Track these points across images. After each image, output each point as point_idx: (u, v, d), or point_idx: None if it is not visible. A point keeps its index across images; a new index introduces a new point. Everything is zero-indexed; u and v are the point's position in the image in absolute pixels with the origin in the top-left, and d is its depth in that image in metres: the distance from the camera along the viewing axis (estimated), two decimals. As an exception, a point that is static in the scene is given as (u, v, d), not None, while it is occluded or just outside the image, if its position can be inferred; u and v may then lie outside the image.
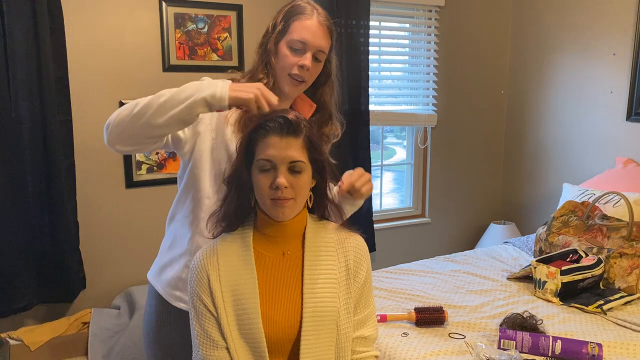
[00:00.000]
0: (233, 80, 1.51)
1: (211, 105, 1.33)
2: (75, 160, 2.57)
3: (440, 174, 3.78)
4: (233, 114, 1.49)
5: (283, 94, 1.54)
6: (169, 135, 1.44)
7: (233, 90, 1.33)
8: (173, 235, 1.61)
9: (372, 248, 3.38)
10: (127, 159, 2.73)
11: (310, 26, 1.50)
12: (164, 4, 2.70)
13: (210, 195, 1.50)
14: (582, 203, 2.65)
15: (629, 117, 3.13)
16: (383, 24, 3.43)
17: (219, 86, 1.33)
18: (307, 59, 1.50)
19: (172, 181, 2.85)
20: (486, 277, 2.51)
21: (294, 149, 1.26)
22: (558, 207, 2.74)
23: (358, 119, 3.22)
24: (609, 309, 2.12)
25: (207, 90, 1.33)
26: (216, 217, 1.38)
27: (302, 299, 1.31)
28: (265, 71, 1.53)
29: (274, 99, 1.34)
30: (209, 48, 2.84)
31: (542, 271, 2.26)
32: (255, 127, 1.30)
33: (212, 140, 1.50)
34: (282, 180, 1.24)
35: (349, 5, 3.05)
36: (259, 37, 3.12)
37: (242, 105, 1.33)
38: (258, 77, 1.52)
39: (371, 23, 3.20)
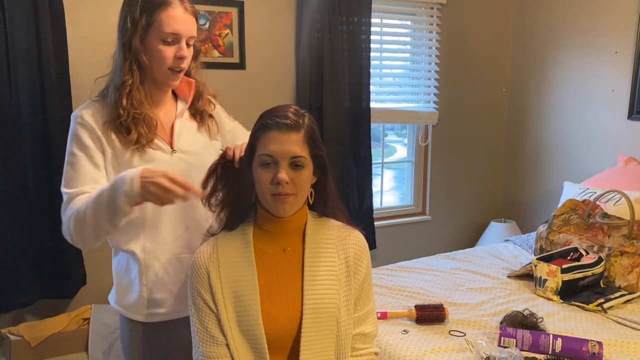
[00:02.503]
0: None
1: (132, 198, 1.32)
2: (76, 157, 2.57)
3: (441, 172, 3.77)
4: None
5: (164, 87, 1.53)
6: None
7: (143, 187, 1.30)
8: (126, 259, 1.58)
9: (372, 246, 3.38)
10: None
11: (179, 15, 1.44)
12: (165, 0, 2.69)
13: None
14: (583, 201, 2.65)
15: (630, 116, 3.12)
16: (384, 21, 3.42)
17: (127, 184, 1.31)
18: (184, 50, 1.47)
19: (173, 178, 2.84)
20: (487, 275, 2.51)
21: (295, 145, 1.26)
22: (559, 206, 2.74)
23: (359, 117, 3.21)
24: (610, 308, 2.12)
25: (124, 187, 1.31)
26: (217, 214, 1.39)
27: (302, 295, 1.31)
28: (130, 72, 1.45)
29: (179, 178, 1.31)
30: (211, 44, 2.83)
31: (542, 269, 2.26)
32: (258, 123, 1.30)
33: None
34: (283, 175, 1.24)
35: (351, 3, 3.05)
36: (261, 34, 3.12)
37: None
38: (123, 79, 1.45)
39: (372, 20, 3.19)
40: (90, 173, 1.45)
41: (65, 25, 2.46)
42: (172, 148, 1.53)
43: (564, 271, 2.20)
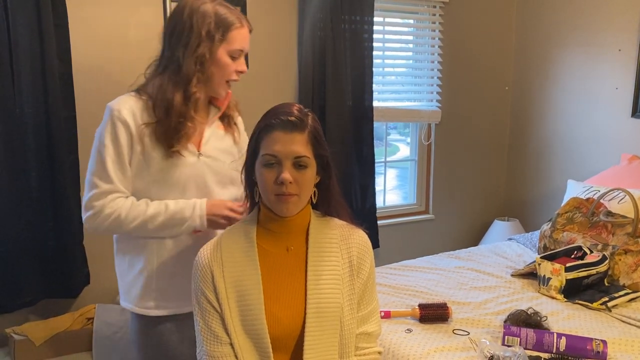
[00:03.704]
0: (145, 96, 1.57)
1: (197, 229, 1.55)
2: (79, 156, 2.57)
3: (444, 171, 3.77)
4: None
5: (214, 96, 1.62)
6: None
7: (211, 222, 1.54)
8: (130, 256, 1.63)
9: (375, 244, 3.38)
10: (131, 155, 2.73)
11: (245, 35, 1.59)
12: (167, -1, 2.70)
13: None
14: (587, 200, 2.64)
15: (634, 114, 3.11)
16: (387, 19, 3.42)
17: (197, 221, 1.53)
18: (244, 65, 1.61)
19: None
20: (490, 274, 2.51)
21: (298, 144, 1.26)
22: (562, 204, 2.73)
23: (362, 115, 3.21)
24: (614, 306, 2.11)
25: (193, 223, 1.53)
26: None
27: (305, 295, 1.31)
28: (199, 83, 1.54)
29: (236, 205, 1.55)
30: (213, 44, 2.83)
31: (546, 268, 2.26)
32: (261, 123, 1.30)
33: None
34: (286, 175, 1.24)
35: (353, 1, 3.04)
36: (263, 33, 3.11)
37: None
38: (192, 90, 1.53)
39: (375, 19, 3.19)
40: (121, 171, 1.52)
41: (68, 25, 2.47)
42: (199, 152, 1.59)
43: (567, 270, 2.20)
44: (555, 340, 1.74)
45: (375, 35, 3.22)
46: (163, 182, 1.53)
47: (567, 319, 2.02)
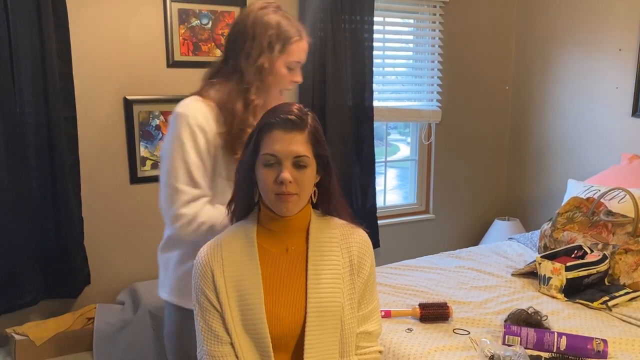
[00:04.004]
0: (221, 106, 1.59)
1: None
2: (79, 156, 2.58)
3: (445, 170, 3.77)
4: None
5: (270, 104, 1.62)
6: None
7: None
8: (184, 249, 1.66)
9: (376, 244, 3.38)
10: (132, 155, 2.74)
11: (304, 47, 1.64)
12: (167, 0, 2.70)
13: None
14: (587, 199, 2.64)
15: (634, 113, 3.11)
16: (387, 19, 3.42)
17: None
18: (299, 76, 1.65)
19: (176, 177, 2.85)
20: (491, 273, 2.51)
21: (298, 144, 1.26)
22: (563, 203, 2.73)
23: (362, 115, 3.21)
24: (614, 305, 2.11)
25: None
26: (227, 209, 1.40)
27: (306, 294, 1.31)
28: (258, 91, 1.59)
29: None
30: (213, 44, 2.84)
31: (546, 267, 2.26)
32: (261, 122, 1.30)
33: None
34: (286, 175, 1.24)
35: (353, 1, 3.04)
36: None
37: None
38: (251, 97, 1.58)
39: (375, 19, 3.19)
40: (206, 176, 1.57)
41: (68, 25, 2.47)
42: None
43: (568, 269, 2.20)
44: (555, 340, 1.74)
45: (375, 35, 3.22)
46: (230, 189, 1.56)
47: (567, 319, 2.02)
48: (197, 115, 1.54)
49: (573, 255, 2.38)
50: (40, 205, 2.46)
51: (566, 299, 2.19)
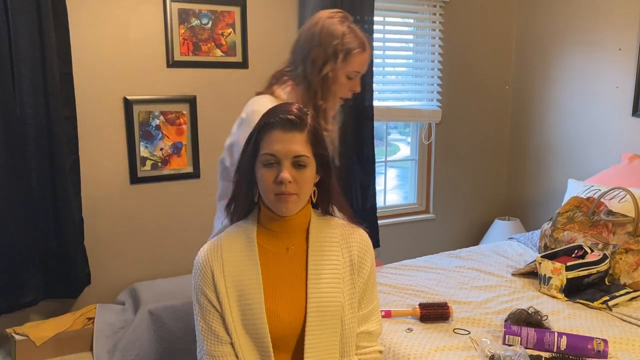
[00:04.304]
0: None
1: None
2: (79, 156, 2.58)
3: (445, 170, 3.77)
4: None
5: (331, 111, 1.74)
6: None
7: None
8: None
9: (376, 244, 3.38)
10: (132, 155, 2.74)
11: (365, 59, 1.70)
12: (167, -1, 2.70)
13: None
14: (588, 199, 2.64)
15: (634, 113, 3.11)
16: (387, 19, 3.42)
17: None
18: (358, 86, 1.72)
19: (176, 177, 2.85)
20: (491, 273, 2.51)
21: (298, 144, 1.26)
22: (563, 203, 2.73)
23: (362, 115, 3.21)
24: (615, 305, 2.11)
25: None
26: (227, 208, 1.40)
27: (306, 294, 1.31)
28: (323, 97, 1.67)
29: None
30: (213, 44, 2.83)
31: (547, 267, 2.26)
32: (260, 122, 1.30)
33: None
34: (286, 175, 1.24)
35: (353, 1, 3.04)
36: (264, 33, 3.11)
37: None
38: (319, 102, 1.67)
39: (375, 18, 3.19)
40: None
41: (68, 26, 2.47)
42: None
43: (568, 269, 2.19)
44: (556, 340, 1.74)
45: (375, 35, 3.22)
46: None
47: (567, 318, 2.02)
48: None
49: (573, 255, 2.37)
50: (41, 206, 2.46)
51: (566, 298, 2.19)
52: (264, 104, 1.61)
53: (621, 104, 3.18)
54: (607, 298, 2.13)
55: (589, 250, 2.36)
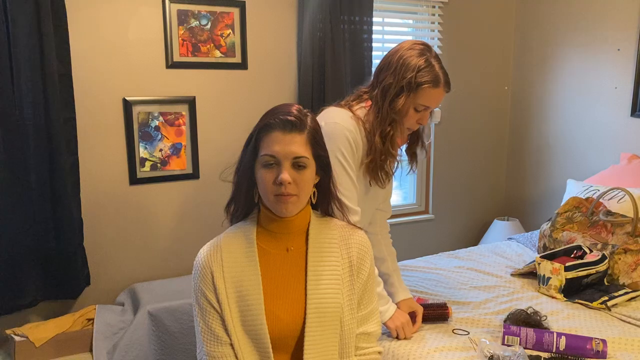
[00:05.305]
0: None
1: None
2: (79, 157, 2.58)
3: (444, 171, 3.77)
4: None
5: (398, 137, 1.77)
6: None
7: (389, 320, 1.81)
8: None
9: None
10: (131, 156, 2.74)
11: (436, 95, 1.69)
12: (166, 0, 2.70)
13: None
14: (587, 199, 2.64)
15: (633, 113, 3.11)
16: (386, 19, 3.42)
17: (385, 315, 1.80)
18: (426, 119, 1.74)
19: (176, 178, 2.85)
20: (490, 274, 2.51)
21: (297, 145, 1.26)
22: (562, 203, 2.73)
23: (361, 116, 3.21)
24: (614, 305, 2.11)
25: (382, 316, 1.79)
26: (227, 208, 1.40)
27: (305, 295, 1.31)
28: (391, 124, 1.71)
29: (408, 335, 1.83)
30: (212, 45, 2.84)
31: (546, 267, 2.26)
32: (260, 123, 1.30)
33: None
34: (285, 176, 1.24)
35: (352, 2, 3.05)
36: (263, 34, 3.11)
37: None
38: (386, 129, 1.70)
39: (374, 19, 3.19)
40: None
41: (67, 27, 2.47)
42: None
43: (567, 269, 2.20)
44: (555, 340, 1.75)
45: (374, 36, 3.22)
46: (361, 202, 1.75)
47: (566, 319, 2.02)
48: (352, 130, 1.68)
49: (572, 255, 2.38)
50: (40, 207, 2.46)
51: (565, 299, 2.19)
52: (347, 121, 1.69)
53: (620, 105, 3.18)
54: (606, 298, 2.14)
55: (588, 251, 2.36)
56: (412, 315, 1.91)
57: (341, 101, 1.84)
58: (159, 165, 2.81)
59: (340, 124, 1.67)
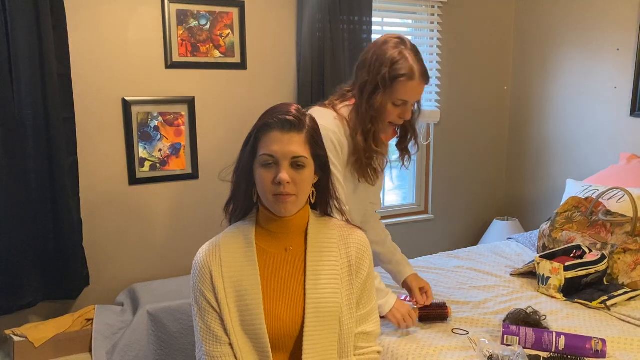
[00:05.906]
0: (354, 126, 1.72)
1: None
2: (78, 158, 2.58)
3: (444, 171, 3.77)
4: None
5: (382, 134, 1.76)
6: None
7: (390, 313, 1.84)
8: None
9: (375, 244, 3.38)
10: (130, 156, 2.74)
11: (414, 87, 1.65)
12: (166, 1, 2.70)
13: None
14: (586, 199, 2.64)
15: (632, 113, 3.11)
16: (385, 19, 3.42)
17: (386, 308, 1.83)
18: (408, 113, 1.70)
19: (175, 178, 2.85)
20: (489, 273, 2.51)
21: (296, 145, 1.26)
22: (562, 203, 2.73)
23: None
24: (613, 305, 2.11)
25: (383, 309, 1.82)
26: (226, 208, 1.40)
27: (304, 294, 1.31)
28: (372, 121, 1.69)
29: (410, 325, 1.86)
30: (212, 45, 2.84)
31: (545, 267, 2.26)
32: (259, 122, 1.30)
33: None
34: (284, 175, 1.24)
35: (351, 2, 3.05)
36: (262, 34, 3.11)
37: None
38: (368, 126, 1.68)
39: (374, 19, 3.19)
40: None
41: (66, 27, 2.47)
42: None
43: (567, 269, 2.20)
44: (554, 339, 1.75)
45: (374, 36, 3.22)
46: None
47: (566, 318, 2.02)
48: (336, 131, 1.68)
49: (572, 255, 2.38)
50: (39, 207, 2.46)
51: (565, 298, 2.19)
52: (331, 122, 1.69)
53: (619, 104, 3.18)
54: (606, 298, 2.14)
55: (587, 250, 2.36)
56: (422, 293, 1.98)
57: (325, 101, 1.82)
58: (158, 165, 2.81)
59: (324, 125, 1.63)
